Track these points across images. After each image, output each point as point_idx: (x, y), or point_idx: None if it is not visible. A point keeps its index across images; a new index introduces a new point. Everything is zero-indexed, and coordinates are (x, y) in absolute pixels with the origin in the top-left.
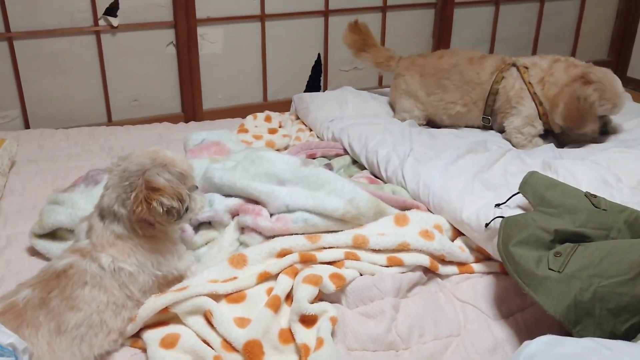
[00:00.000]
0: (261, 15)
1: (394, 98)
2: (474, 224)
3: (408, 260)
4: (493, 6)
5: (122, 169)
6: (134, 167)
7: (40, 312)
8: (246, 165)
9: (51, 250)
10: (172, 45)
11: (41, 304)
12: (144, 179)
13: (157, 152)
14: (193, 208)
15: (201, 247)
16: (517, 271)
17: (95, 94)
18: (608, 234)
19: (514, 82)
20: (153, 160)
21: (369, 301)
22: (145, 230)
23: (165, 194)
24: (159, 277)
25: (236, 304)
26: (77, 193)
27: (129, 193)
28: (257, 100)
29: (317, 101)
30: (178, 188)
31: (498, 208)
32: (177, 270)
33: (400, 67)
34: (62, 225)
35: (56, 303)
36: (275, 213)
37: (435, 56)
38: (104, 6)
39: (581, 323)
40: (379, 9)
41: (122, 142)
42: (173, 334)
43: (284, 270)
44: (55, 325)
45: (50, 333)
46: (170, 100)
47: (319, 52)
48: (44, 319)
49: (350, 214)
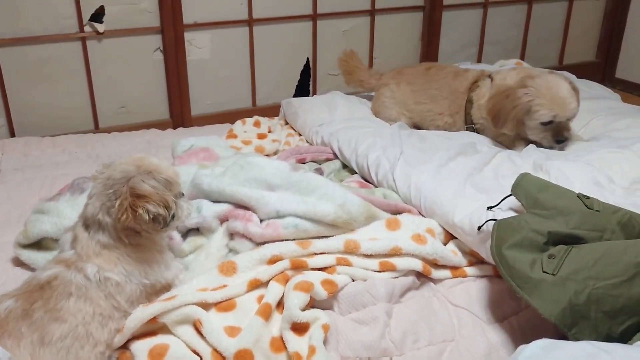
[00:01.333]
0: (249, 20)
1: (377, 108)
2: (466, 227)
3: (400, 265)
4: (481, 9)
5: (106, 176)
6: (118, 174)
7: (23, 324)
8: (235, 170)
9: (36, 261)
10: (160, 51)
11: (24, 315)
12: (129, 186)
13: (142, 159)
14: (179, 215)
15: (189, 254)
16: (511, 274)
17: (81, 101)
18: (602, 235)
19: (485, 92)
20: (138, 167)
21: (361, 307)
22: (131, 238)
23: (151, 201)
24: (146, 286)
25: (226, 312)
26: (63, 202)
27: (114, 201)
28: (246, 105)
29: (306, 106)
30: (164, 195)
31: (490, 211)
32: (164, 279)
33: (384, 78)
34: (47, 234)
35: (40, 315)
36: (265, 219)
37: (422, 67)
38: (90, 12)
39: (577, 326)
40: (367, 13)
41: (109, 149)
42: (162, 344)
43: (274, 277)
44: (38, 337)
45: (34, 345)
46: (158, 107)
47: (307, 56)
48: (26, 330)
49: (342, 219)
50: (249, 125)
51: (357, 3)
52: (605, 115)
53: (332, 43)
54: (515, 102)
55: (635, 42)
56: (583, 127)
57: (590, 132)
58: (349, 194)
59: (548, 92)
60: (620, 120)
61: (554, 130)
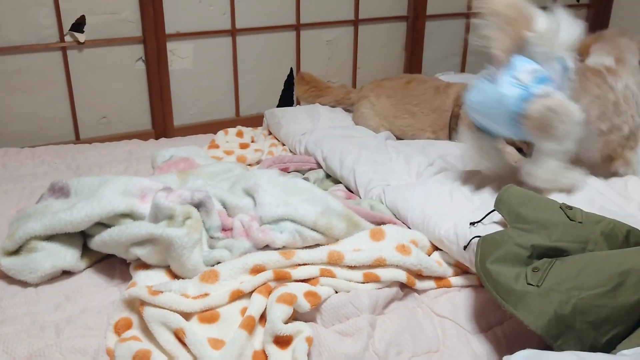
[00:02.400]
0: (232, 30)
1: (357, 120)
2: (451, 237)
3: (384, 276)
4: (464, 19)
5: None
6: None
7: None
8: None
9: (17, 267)
10: (142, 61)
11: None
12: None
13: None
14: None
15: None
16: (496, 288)
17: (62, 112)
18: (585, 246)
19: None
20: None
21: (344, 319)
22: None
23: None
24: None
25: (210, 324)
26: (46, 202)
27: None
28: (229, 115)
29: (289, 115)
30: None
31: (474, 227)
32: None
33: (363, 90)
34: (34, 233)
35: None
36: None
37: (402, 80)
38: (70, 22)
39: (562, 337)
40: (350, 23)
41: (90, 160)
42: (145, 350)
43: (257, 288)
44: None
45: None
46: (140, 117)
47: (291, 66)
48: None
49: (322, 222)
50: (232, 135)
51: (341, 13)
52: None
53: (315, 53)
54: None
55: None
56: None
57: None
58: (331, 200)
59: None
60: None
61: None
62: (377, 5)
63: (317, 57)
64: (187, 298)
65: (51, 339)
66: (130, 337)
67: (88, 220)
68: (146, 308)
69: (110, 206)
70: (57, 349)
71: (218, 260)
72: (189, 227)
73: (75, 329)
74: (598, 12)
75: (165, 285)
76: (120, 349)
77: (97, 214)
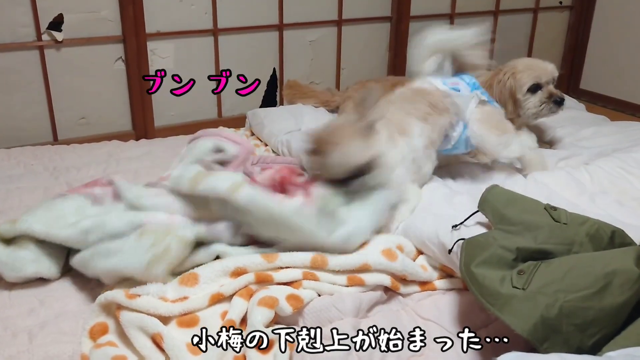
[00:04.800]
0: (214, 30)
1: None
2: (435, 241)
3: (369, 280)
4: (448, 20)
5: None
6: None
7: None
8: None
9: (1, 259)
10: (121, 60)
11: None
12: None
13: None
14: None
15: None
16: (481, 292)
17: (39, 112)
18: (570, 248)
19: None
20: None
21: (327, 322)
22: None
23: None
24: None
25: (189, 328)
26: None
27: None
28: (211, 116)
29: (272, 116)
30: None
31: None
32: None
33: (348, 91)
34: (33, 233)
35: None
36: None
37: (388, 82)
38: (48, 20)
39: (548, 340)
40: (334, 23)
41: (67, 161)
42: (122, 355)
43: (238, 291)
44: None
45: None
46: (120, 118)
47: (274, 66)
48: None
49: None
50: None
51: (324, 13)
52: (571, 125)
53: (298, 53)
54: (502, 84)
55: (598, 54)
56: (550, 136)
57: (557, 140)
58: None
59: (523, 63)
60: (585, 130)
61: (547, 94)
62: (360, 5)
63: (300, 57)
64: (165, 302)
65: (23, 346)
66: (106, 342)
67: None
68: (123, 312)
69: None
70: (30, 355)
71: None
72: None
73: (49, 334)
74: (581, 14)
75: (142, 288)
76: (96, 355)
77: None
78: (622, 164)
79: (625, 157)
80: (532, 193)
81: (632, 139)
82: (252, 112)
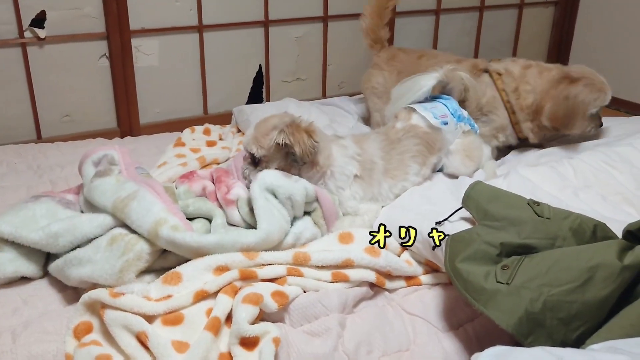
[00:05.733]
0: (199, 26)
1: (365, 90)
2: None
3: (354, 276)
4: (433, 15)
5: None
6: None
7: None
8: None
9: None
10: (105, 57)
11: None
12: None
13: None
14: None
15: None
16: (466, 287)
17: (22, 110)
18: (553, 242)
19: (486, 89)
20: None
21: (313, 319)
22: None
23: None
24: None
25: (174, 326)
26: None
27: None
28: (197, 113)
29: (258, 112)
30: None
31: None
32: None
33: (380, 58)
34: (2, 235)
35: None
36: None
37: (415, 54)
38: (30, 17)
39: (533, 334)
40: (320, 19)
41: (51, 159)
42: (106, 354)
43: (222, 288)
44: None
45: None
46: (104, 115)
47: (260, 63)
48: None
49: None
50: (198, 133)
51: (310, 9)
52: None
53: (284, 49)
54: (581, 97)
55: (583, 48)
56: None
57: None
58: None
59: (596, 78)
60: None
61: (598, 115)
62: (346, 1)
63: (287, 53)
64: (149, 300)
65: (7, 345)
66: (90, 341)
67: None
68: (107, 311)
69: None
70: (13, 355)
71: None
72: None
73: (32, 334)
74: (565, 9)
75: (126, 287)
76: (80, 354)
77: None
78: (606, 158)
79: (608, 151)
80: (516, 188)
81: (616, 134)
82: (239, 109)
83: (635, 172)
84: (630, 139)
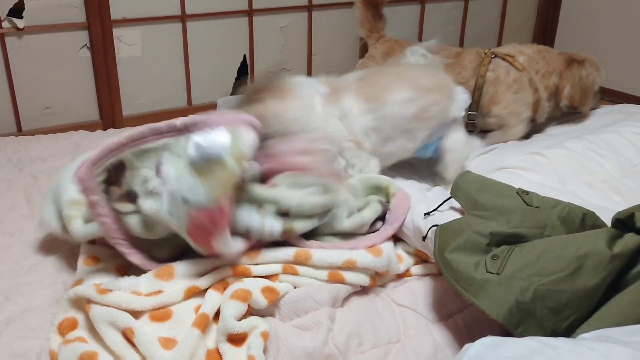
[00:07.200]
0: (182, 16)
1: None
2: (410, 226)
3: (350, 279)
4: (419, 5)
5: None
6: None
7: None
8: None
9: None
10: (86, 48)
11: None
12: None
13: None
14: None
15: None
16: (456, 278)
17: (1, 102)
18: (543, 231)
19: (507, 72)
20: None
21: (303, 313)
22: None
23: None
24: None
25: (161, 322)
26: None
27: None
28: (181, 104)
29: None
30: None
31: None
32: None
33: (377, 50)
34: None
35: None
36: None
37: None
38: (8, 7)
39: (523, 324)
40: (304, 8)
41: (32, 152)
42: (91, 352)
43: (213, 285)
44: None
45: None
46: (86, 107)
47: (244, 53)
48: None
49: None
50: None
51: None
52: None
53: (269, 39)
54: (592, 77)
55: (568, 37)
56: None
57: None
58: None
59: (593, 59)
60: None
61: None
62: None
63: (271, 43)
64: (138, 295)
65: None
66: (75, 338)
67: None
68: (92, 307)
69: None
70: None
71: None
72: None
73: (15, 330)
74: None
75: (114, 282)
76: (64, 351)
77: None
78: (592, 145)
79: (594, 138)
80: (504, 177)
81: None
82: (224, 100)
83: (622, 160)
84: (616, 126)
